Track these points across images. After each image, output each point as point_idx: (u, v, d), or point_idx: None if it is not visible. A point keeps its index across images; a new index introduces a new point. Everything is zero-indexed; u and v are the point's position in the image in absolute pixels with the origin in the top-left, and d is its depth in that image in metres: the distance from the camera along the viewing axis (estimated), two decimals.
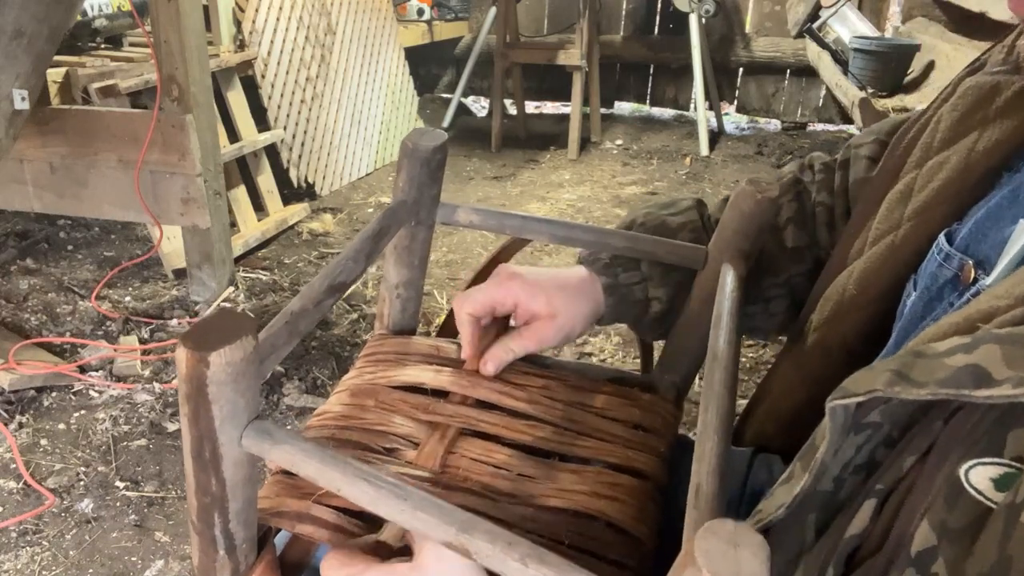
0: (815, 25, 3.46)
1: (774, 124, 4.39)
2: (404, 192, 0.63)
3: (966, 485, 0.34)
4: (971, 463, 0.35)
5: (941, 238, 0.53)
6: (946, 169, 0.55)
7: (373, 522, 0.51)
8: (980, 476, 0.34)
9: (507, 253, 0.75)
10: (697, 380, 0.95)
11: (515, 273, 0.67)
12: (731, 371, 0.50)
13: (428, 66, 4.68)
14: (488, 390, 0.61)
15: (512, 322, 0.68)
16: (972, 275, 0.49)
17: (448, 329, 0.72)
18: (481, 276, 0.72)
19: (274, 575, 0.49)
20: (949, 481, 0.35)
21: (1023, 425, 0.34)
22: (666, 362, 0.70)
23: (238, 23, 2.77)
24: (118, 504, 1.50)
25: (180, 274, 2.33)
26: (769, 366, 2.04)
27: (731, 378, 0.49)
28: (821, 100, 4.20)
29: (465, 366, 0.63)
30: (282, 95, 2.93)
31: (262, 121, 2.83)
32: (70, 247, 2.58)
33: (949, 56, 2.88)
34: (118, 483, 1.54)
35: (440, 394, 0.61)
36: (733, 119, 4.43)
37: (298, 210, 2.88)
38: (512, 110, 4.12)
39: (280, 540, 0.57)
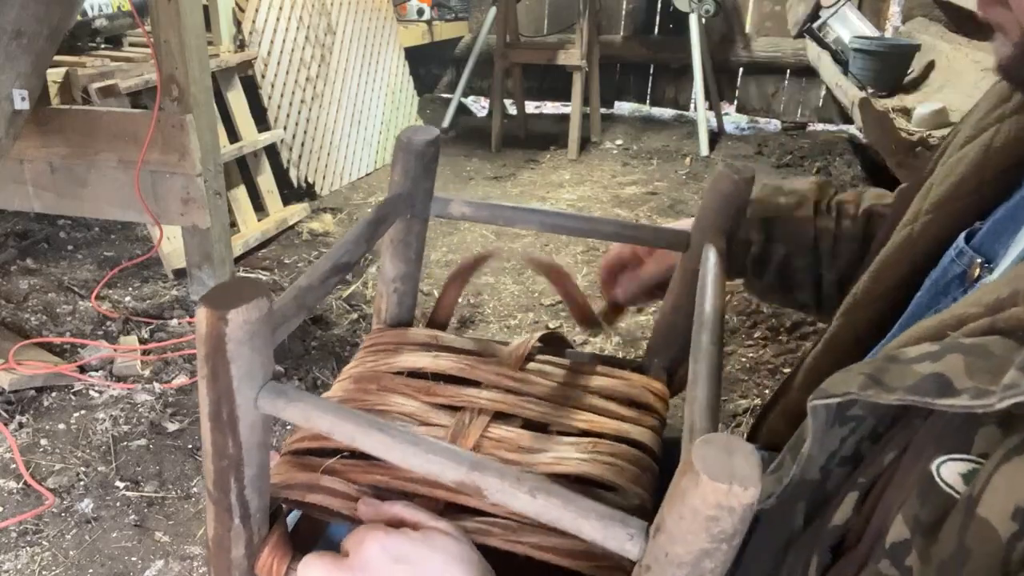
0: (815, 25, 3.46)
1: (774, 124, 4.39)
2: (399, 185, 0.66)
3: (938, 480, 0.36)
4: (942, 459, 0.36)
5: (961, 236, 0.53)
6: (964, 163, 0.56)
7: (379, 494, 0.52)
8: (951, 471, 0.36)
9: (466, 272, 0.77)
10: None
11: None
12: (717, 331, 0.52)
13: (428, 66, 4.67)
14: (487, 372, 0.62)
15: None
16: (977, 272, 0.50)
17: (436, 320, 0.74)
18: (447, 292, 0.74)
19: (286, 549, 0.50)
20: (922, 476, 0.36)
21: (992, 422, 0.35)
22: (655, 346, 0.72)
23: (238, 23, 2.77)
24: (118, 504, 1.50)
25: (180, 274, 2.33)
26: (769, 366, 2.04)
27: (717, 337, 0.51)
28: (821, 100, 4.20)
29: (501, 363, 0.65)
30: (282, 95, 2.93)
31: (262, 121, 2.83)
32: (70, 247, 2.58)
33: (949, 56, 2.88)
34: (118, 483, 1.54)
35: (439, 379, 0.63)
36: (733, 119, 4.43)
37: (298, 210, 2.88)
38: (512, 110, 4.12)
39: (290, 521, 0.59)
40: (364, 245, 0.59)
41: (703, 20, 3.76)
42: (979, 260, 0.50)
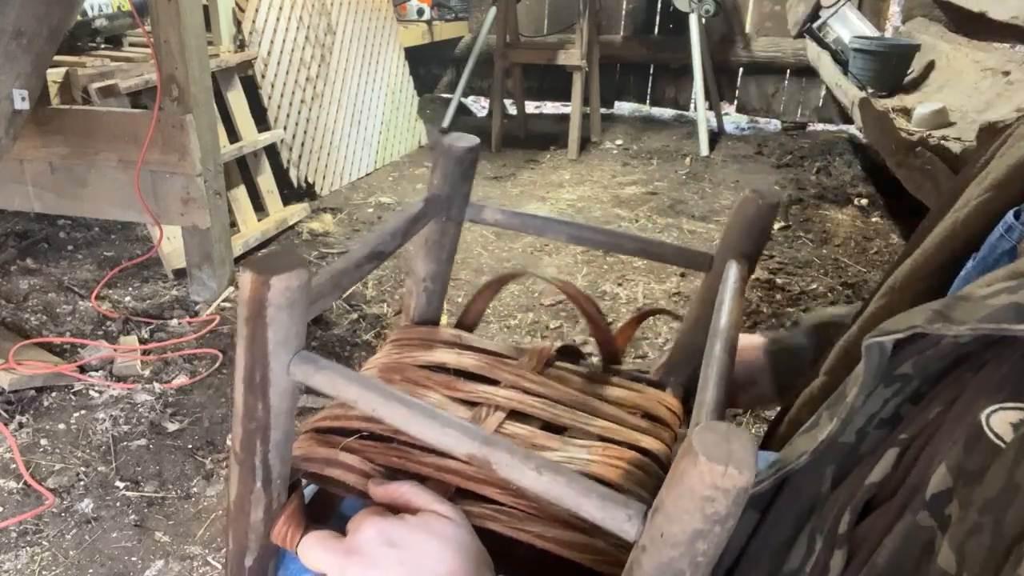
0: (815, 25, 3.46)
1: (774, 124, 4.39)
2: (438, 188, 0.68)
3: (986, 429, 0.35)
4: (993, 407, 0.35)
5: (1010, 213, 0.52)
6: (1020, 147, 0.55)
7: (393, 473, 0.54)
8: (1000, 420, 0.35)
9: (500, 283, 0.79)
10: None
11: None
12: (731, 342, 0.54)
13: (428, 66, 4.68)
14: (507, 372, 0.64)
15: None
16: None
17: (464, 323, 0.75)
18: (478, 298, 0.76)
19: (301, 518, 0.52)
20: (970, 427, 0.35)
21: None
22: (673, 364, 0.73)
23: (238, 23, 2.77)
24: (118, 504, 1.50)
25: (180, 274, 2.33)
26: None
27: (731, 347, 0.53)
28: (821, 100, 4.20)
29: (525, 363, 0.66)
30: (282, 95, 2.93)
31: (262, 121, 2.83)
32: (70, 247, 2.58)
33: (949, 56, 2.88)
34: (118, 483, 1.54)
35: (461, 376, 0.65)
36: (733, 119, 4.43)
37: (298, 210, 2.88)
38: (512, 110, 4.12)
39: (307, 495, 0.60)
40: (400, 239, 0.61)
41: (703, 20, 3.76)
42: None
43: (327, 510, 0.62)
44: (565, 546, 0.49)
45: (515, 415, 0.60)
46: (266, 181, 2.81)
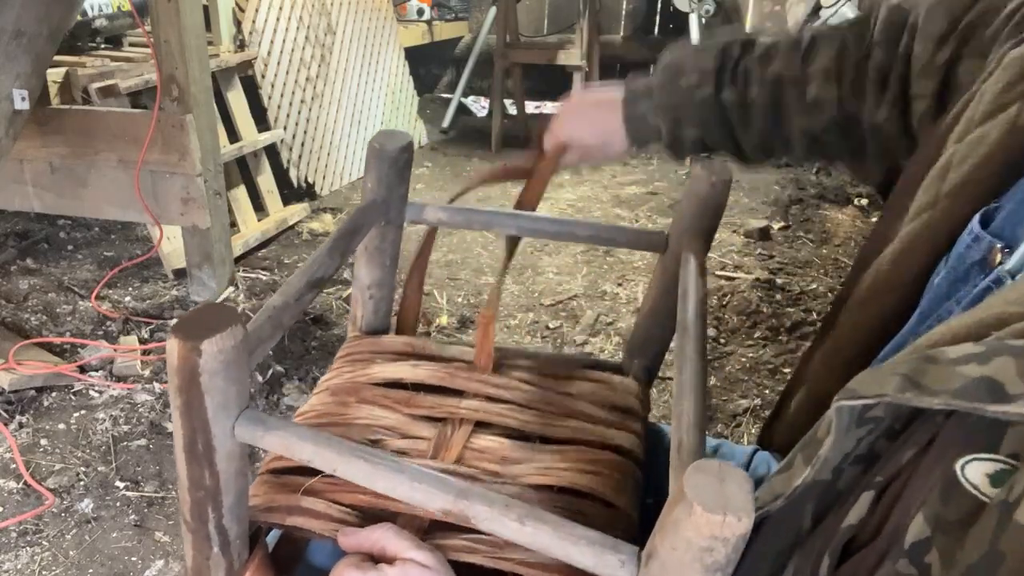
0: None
1: None
2: (373, 192, 0.65)
3: (962, 479, 0.35)
4: (967, 458, 0.35)
5: (975, 219, 0.51)
6: (986, 144, 0.53)
7: (362, 513, 0.52)
8: (976, 471, 0.35)
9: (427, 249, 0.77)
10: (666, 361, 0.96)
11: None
12: (701, 341, 0.52)
13: (428, 66, 4.67)
14: (467, 380, 0.62)
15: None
16: (999, 258, 0.48)
17: (404, 321, 0.73)
18: (416, 267, 0.74)
19: (267, 572, 0.49)
20: (945, 476, 0.35)
21: (1022, 423, 0.34)
22: (634, 347, 0.72)
23: (238, 23, 2.77)
24: (118, 504, 1.50)
25: (180, 274, 2.33)
26: (769, 366, 2.04)
27: (701, 346, 0.51)
28: None
29: (476, 364, 0.64)
30: (282, 95, 2.93)
31: (262, 121, 2.83)
32: (70, 247, 2.58)
33: None
34: (118, 483, 1.54)
35: (419, 389, 0.62)
36: None
37: (298, 210, 2.88)
38: (512, 110, 4.12)
39: (271, 540, 0.58)
40: (339, 258, 0.57)
41: (703, 20, 3.76)
42: (999, 245, 0.48)
43: (295, 552, 0.59)
44: (551, 571, 0.48)
45: (481, 425, 0.58)
46: (266, 181, 2.81)
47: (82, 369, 1.87)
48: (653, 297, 0.69)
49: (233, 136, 2.65)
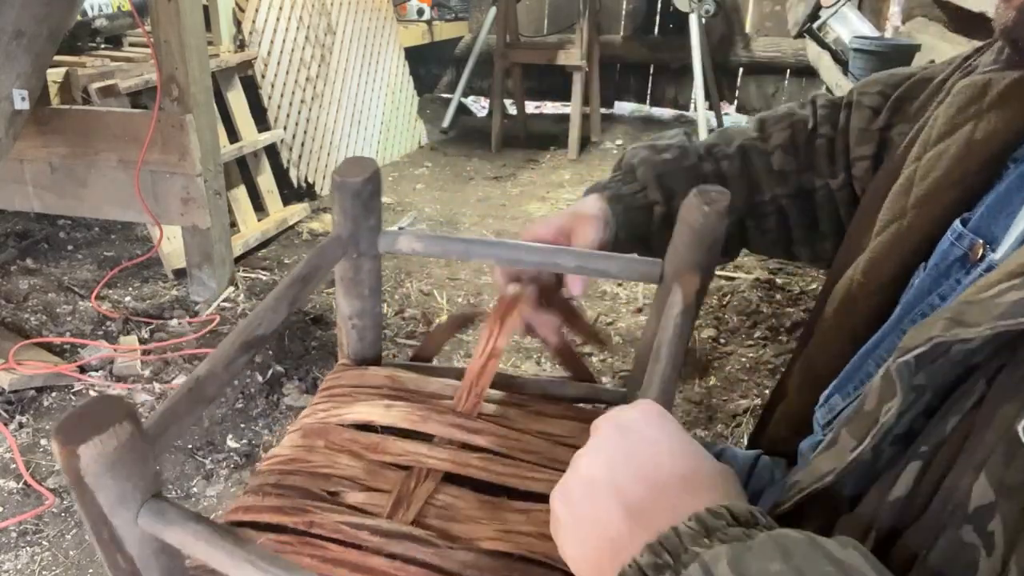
0: (815, 25, 3.46)
1: None
2: (339, 226, 0.62)
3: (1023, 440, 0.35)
4: None
5: (957, 222, 0.55)
6: (946, 158, 0.58)
7: None
8: None
9: (459, 323, 0.74)
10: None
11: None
12: (669, 388, 0.49)
13: (428, 66, 4.68)
14: (439, 424, 0.58)
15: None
16: (980, 252, 0.51)
17: (421, 357, 0.71)
18: (437, 334, 0.73)
19: None
20: (1006, 437, 0.35)
21: None
22: (634, 379, 0.67)
23: (238, 23, 2.77)
24: None
25: (180, 274, 2.33)
26: (769, 366, 2.04)
27: (671, 386, 0.49)
28: None
29: (456, 405, 0.61)
30: (282, 95, 2.93)
31: (262, 121, 2.83)
32: (70, 247, 2.58)
33: (949, 56, 2.87)
34: None
35: (392, 434, 0.59)
36: (733, 119, 4.43)
37: (298, 210, 2.88)
38: (512, 110, 4.12)
39: None
40: (285, 310, 0.53)
41: (703, 20, 3.76)
42: (980, 241, 0.52)
43: None
44: None
45: (450, 476, 0.55)
46: (266, 181, 2.81)
47: (82, 369, 1.87)
48: (653, 328, 0.65)
49: (233, 136, 2.65)
